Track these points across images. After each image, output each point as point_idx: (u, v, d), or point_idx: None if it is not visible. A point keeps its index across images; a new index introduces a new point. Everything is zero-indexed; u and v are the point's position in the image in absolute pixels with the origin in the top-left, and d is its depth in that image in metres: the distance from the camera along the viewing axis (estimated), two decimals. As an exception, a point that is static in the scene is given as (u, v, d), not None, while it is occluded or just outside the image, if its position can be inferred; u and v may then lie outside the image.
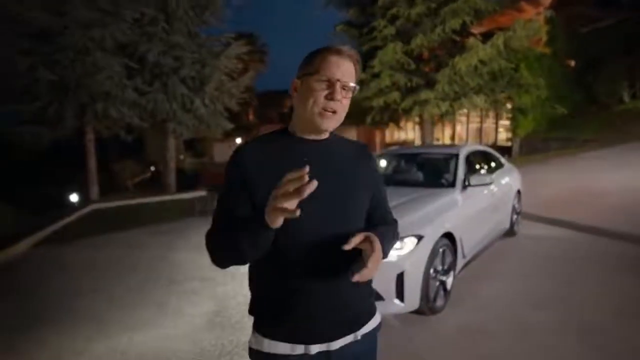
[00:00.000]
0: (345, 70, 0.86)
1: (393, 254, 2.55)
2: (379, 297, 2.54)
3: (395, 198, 3.27)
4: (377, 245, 0.81)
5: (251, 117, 30.89)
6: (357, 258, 0.84)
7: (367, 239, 0.81)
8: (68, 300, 3.44)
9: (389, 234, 0.98)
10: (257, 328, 0.94)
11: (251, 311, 0.96)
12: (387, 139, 25.33)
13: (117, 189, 11.62)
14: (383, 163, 4.63)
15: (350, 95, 0.89)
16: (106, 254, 4.95)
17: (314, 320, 0.89)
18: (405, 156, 4.45)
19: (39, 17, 7.37)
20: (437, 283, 2.80)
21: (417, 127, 20.34)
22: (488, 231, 3.81)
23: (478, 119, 17.46)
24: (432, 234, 2.72)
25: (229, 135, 22.68)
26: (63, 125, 8.26)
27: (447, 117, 10.85)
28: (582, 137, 11.73)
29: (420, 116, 12.25)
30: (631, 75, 14.68)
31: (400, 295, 2.54)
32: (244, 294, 3.21)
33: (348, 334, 0.92)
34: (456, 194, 3.36)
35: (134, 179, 13.66)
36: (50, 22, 7.51)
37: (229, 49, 10.10)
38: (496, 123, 15.92)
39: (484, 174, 3.58)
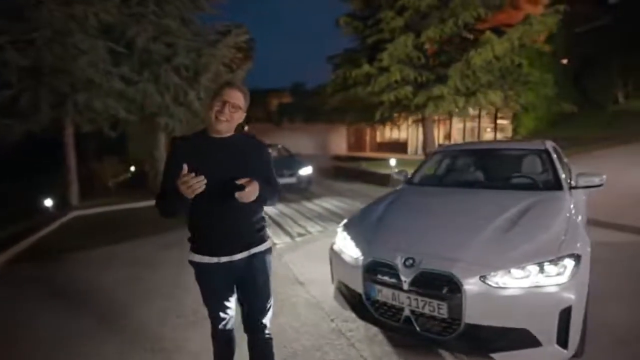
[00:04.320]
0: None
1: (550, 282, 1.86)
2: (535, 343, 1.84)
3: (492, 206, 2.59)
4: (256, 182, 1.49)
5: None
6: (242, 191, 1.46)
7: (250, 180, 1.48)
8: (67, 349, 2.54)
9: (269, 187, 1.64)
10: (191, 248, 1.67)
11: (189, 240, 1.68)
12: (378, 138, 24.89)
13: (97, 190, 10.35)
14: (442, 161, 3.96)
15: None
16: (108, 276, 3.98)
17: (221, 244, 1.61)
18: (476, 153, 3.79)
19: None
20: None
21: (409, 127, 19.99)
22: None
23: (469, 118, 17.23)
24: (585, 252, 2.06)
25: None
26: (37, 118, 7.07)
27: (461, 113, 10.39)
28: (589, 136, 11.58)
29: (422, 114, 11.77)
30: (625, 75, 14.89)
31: (563, 338, 1.84)
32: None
33: (244, 251, 1.64)
34: (567, 198, 2.72)
35: (114, 179, 12.37)
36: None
37: (228, 36, 9.14)
38: (495, 122, 15.73)
39: (591, 173, 2.96)
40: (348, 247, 2.55)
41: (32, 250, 5.10)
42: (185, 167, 1.40)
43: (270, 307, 1.75)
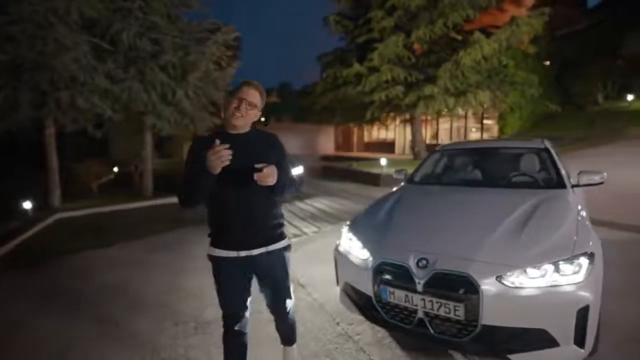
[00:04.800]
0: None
1: (566, 281, 1.84)
2: (552, 343, 1.81)
3: (500, 205, 2.58)
4: (273, 166, 1.54)
5: (222, 114, 29.24)
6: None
7: (267, 165, 1.53)
8: None
9: (286, 174, 1.67)
10: (211, 243, 1.72)
11: (209, 235, 1.74)
12: (366, 138, 24.97)
13: (79, 192, 9.98)
14: (442, 160, 3.95)
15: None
16: (95, 281, 3.79)
17: (240, 238, 1.66)
18: (477, 152, 3.79)
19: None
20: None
21: (397, 127, 20.14)
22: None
23: (456, 118, 17.45)
24: (597, 250, 2.05)
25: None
26: (16, 116, 6.74)
27: (451, 113, 10.49)
28: (571, 136, 11.89)
29: (411, 114, 11.84)
30: (604, 77, 15.38)
31: (580, 338, 1.82)
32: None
33: (262, 247, 1.68)
34: (571, 196, 2.73)
35: (98, 181, 11.97)
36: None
37: (217, 34, 8.95)
38: (481, 122, 15.98)
39: (593, 171, 2.99)
40: (355, 248, 2.48)
41: (14, 255, 4.83)
42: (217, 140, 1.49)
43: (290, 301, 1.86)
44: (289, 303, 1.86)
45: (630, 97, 14.88)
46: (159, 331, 2.69)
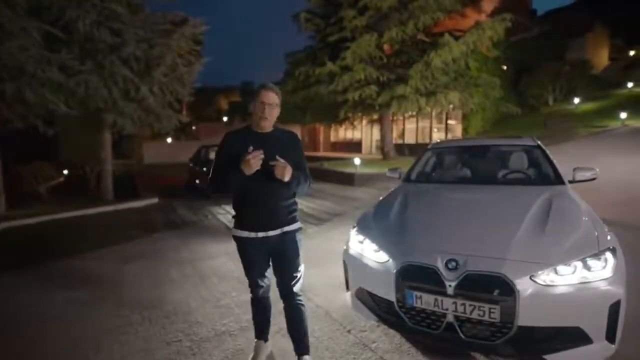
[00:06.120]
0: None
1: (597, 277, 1.83)
2: (586, 340, 1.79)
3: (511, 202, 2.57)
4: (287, 164, 1.79)
5: (184, 113, 27.93)
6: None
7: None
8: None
9: (302, 174, 1.94)
10: (234, 225, 1.98)
11: (233, 217, 2.00)
12: (332, 138, 25.03)
13: (26, 198, 8.96)
14: (437, 159, 3.93)
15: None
16: (54, 301, 3.31)
17: (259, 222, 1.91)
18: (471, 150, 3.80)
19: None
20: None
21: (364, 127, 20.37)
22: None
23: (420, 118, 17.98)
24: (617, 244, 2.07)
25: (160, 135, 20.02)
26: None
27: (421, 113, 10.71)
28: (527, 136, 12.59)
29: (381, 114, 11.99)
30: (554, 81, 16.62)
31: (612, 334, 1.81)
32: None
33: (277, 229, 1.93)
34: (572, 192, 2.79)
35: (46, 184, 10.86)
36: None
37: (185, 26, 8.41)
38: (446, 122, 16.59)
39: (586, 168, 3.09)
40: (369, 251, 2.34)
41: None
42: (251, 147, 1.77)
43: (299, 276, 2.04)
44: (298, 285, 2.03)
45: (576, 100, 16.21)
46: (150, 354, 2.37)
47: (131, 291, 3.39)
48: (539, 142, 3.48)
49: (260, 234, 1.92)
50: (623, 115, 13.09)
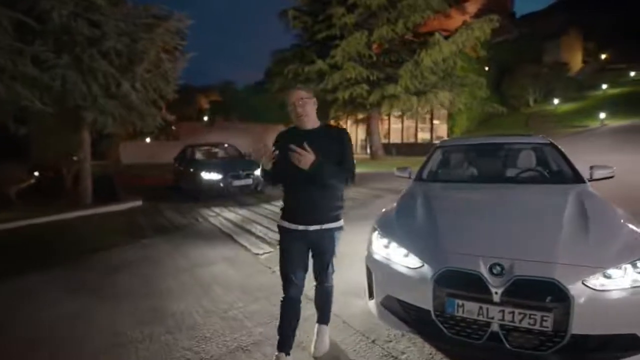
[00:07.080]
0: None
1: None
2: (641, 348, 1.68)
3: (542, 202, 2.47)
4: (313, 154, 1.81)
5: (164, 112, 27.01)
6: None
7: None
8: None
9: (336, 167, 1.93)
10: (281, 216, 2.09)
11: (281, 209, 2.12)
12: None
13: (-6, 201, 8.33)
14: (447, 157, 3.81)
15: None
16: (33, 317, 2.98)
17: (301, 215, 2.00)
18: (483, 148, 3.71)
19: None
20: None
21: (350, 126, 20.30)
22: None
23: (400, 118, 18.04)
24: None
25: (137, 134, 19.21)
26: None
27: (412, 112, 10.69)
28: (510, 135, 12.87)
29: (369, 114, 11.91)
30: (534, 82, 17.10)
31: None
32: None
33: (317, 225, 1.99)
34: (595, 191, 2.73)
35: (16, 187, 10.17)
36: None
37: (170, 20, 8.00)
38: (431, 122, 16.72)
39: (603, 166, 3.04)
40: (397, 256, 2.18)
41: None
42: (292, 145, 1.82)
43: (331, 266, 2.16)
44: (330, 272, 2.18)
45: (556, 101, 16.76)
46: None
47: (125, 304, 3.08)
48: (551, 140, 3.42)
49: (301, 227, 2.00)
50: (602, 115, 13.58)
